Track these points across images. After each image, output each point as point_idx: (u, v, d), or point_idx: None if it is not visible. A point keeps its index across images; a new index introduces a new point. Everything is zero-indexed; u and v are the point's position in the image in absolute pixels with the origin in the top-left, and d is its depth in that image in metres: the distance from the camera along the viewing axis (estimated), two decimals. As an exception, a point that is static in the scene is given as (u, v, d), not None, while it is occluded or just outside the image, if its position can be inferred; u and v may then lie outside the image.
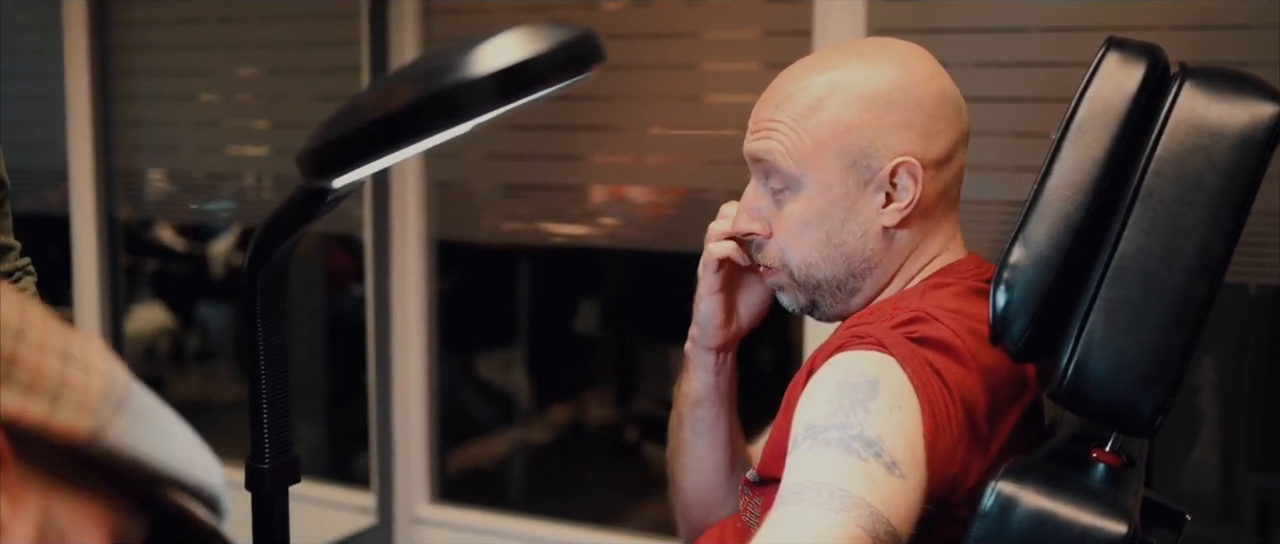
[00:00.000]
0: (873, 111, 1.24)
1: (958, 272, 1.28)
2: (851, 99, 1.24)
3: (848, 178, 1.25)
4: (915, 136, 1.25)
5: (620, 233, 3.04)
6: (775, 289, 1.35)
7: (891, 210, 1.25)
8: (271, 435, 1.08)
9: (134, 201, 3.64)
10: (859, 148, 1.24)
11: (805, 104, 1.25)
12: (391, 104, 0.85)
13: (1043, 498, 1.07)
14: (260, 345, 1.06)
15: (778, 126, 1.26)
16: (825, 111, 1.25)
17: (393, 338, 3.22)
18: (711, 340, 1.44)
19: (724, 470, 1.47)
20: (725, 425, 1.48)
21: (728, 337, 1.45)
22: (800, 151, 1.25)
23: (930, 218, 1.28)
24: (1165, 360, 1.09)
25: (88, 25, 3.48)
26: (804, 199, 1.26)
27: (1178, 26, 2.38)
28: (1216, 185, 1.10)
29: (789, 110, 1.26)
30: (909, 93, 1.25)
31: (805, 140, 1.25)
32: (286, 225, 1.00)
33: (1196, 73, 1.14)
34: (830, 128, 1.24)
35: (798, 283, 1.31)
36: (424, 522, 3.29)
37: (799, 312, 1.35)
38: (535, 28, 0.86)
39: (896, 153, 1.24)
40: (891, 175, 1.24)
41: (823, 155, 1.24)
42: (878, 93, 1.24)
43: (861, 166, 1.24)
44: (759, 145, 1.28)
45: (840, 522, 0.99)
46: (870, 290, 1.30)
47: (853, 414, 1.07)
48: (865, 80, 1.25)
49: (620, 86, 2.89)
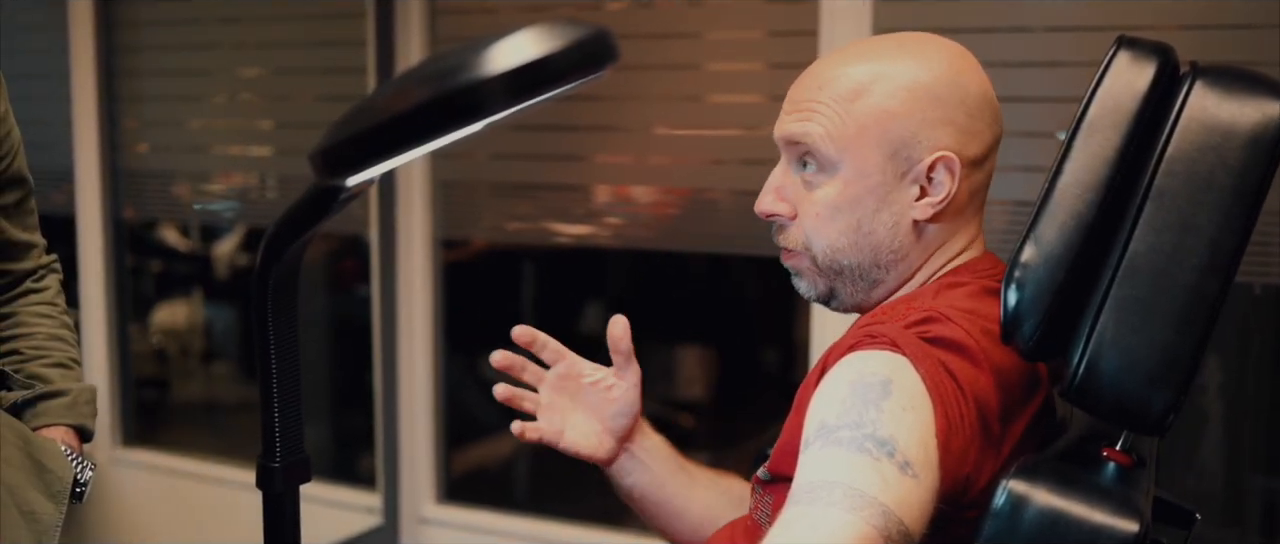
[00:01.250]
0: (918, 103, 1.23)
1: (974, 270, 1.28)
2: (897, 88, 1.23)
3: (886, 167, 1.24)
4: (956, 133, 1.24)
5: (624, 233, 3.04)
6: (792, 274, 1.34)
7: (924, 204, 1.25)
8: (282, 434, 1.08)
9: (138, 202, 3.65)
10: (901, 138, 1.23)
11: (850, 88, 1.24)
12: (405, 103, 0.85)
13: (1054, 496, 1.07)
14: (271, 344, 1.06)
15: (819, 108, 1.25)
16: (870, 97, 1.23)
17: (398, 338, 3.23)
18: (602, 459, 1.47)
19: (712, 513, 1.48)
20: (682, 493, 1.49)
21: (612, 449, 1.47)
22: (841, 135, 1.24)
23: (960, 216, 1.28)
24: (1176, 359, 1.09)
25: (93, 26, 3.48)
26: (838, 183, 1.25)
27: (1184, 26, 2.38)
28: (1228, 184, 1.10)
29: (832, 93, 1.25)
30: (954, 89, 1.24)
31: (848, 125, 1.23)
32: (298, 224, 1.00)
33: (1208, 72, 1.14)
34: (874, 114, 1.23)
35: (819, 268, 1.29)
36: (429, 521, 3.29)
37: (814, 298, 1.33)
38: (549, 26, 0.86)
39: (937, 147, 1.24)
40: (929, 169, 1.24)
41: (863, 141, 1.23)
42: (924, 85, 1.24)
43: (901, 157, 1.24)
44: (797, 126, 1.26)
45: (853, 521, 0.99)
46: (892, 283, 1.29)
47: (865, 414, 1.07)
48: (912, 72, 1.24)
49: (624, 87, 2.89)
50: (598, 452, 1.46)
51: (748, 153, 2.83)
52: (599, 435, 1.46)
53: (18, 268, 1.63)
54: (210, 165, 3.57)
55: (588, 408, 1.47)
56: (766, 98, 2.78)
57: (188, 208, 3.70)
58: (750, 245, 2.91)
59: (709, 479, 1.51)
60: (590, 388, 1.46)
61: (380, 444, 3.29)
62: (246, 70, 3.47)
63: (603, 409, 1.46)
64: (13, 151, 1.60)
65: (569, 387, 1.47)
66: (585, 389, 1.46)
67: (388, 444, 3.27)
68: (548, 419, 1.46)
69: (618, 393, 1.45)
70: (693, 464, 1.52)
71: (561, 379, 1.47)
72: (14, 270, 1.62)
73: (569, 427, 1.46)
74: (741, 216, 2.88)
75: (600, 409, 1.46)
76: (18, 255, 1.63)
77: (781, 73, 2.74)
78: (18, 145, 1.61)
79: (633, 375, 1.45)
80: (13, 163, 1.60)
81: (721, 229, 2.95)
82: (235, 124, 3.54)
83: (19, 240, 1.62)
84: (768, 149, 2.15)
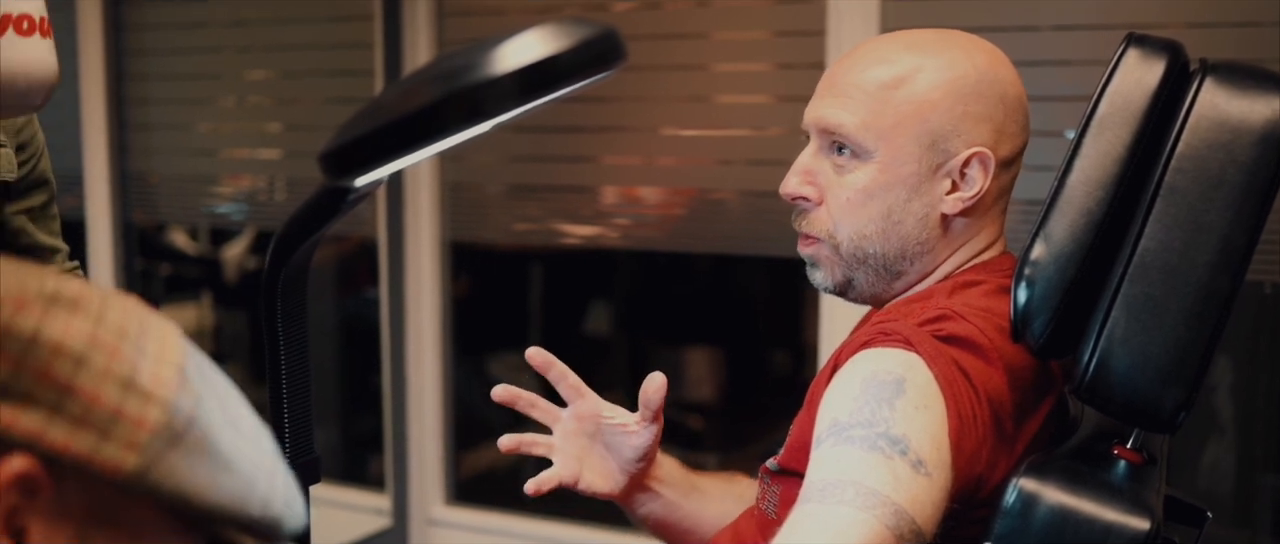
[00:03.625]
0: (959, 97, 1.23)
1: (990, 269, 1.27)
2: (939, 81, 1.23)
3: (922, 158, 1.23)
4: (992, 131, 1.24)
5: (632, 233, 3.04)
6: (808, 264, 1.31)
7: (955, 198, 1.24)
8: (292, 435, 1.08)
9: (147, 205, 3.65)
10: (939, 130, 1.23)
11: (892, 76, 1.23)
12: (414, 103, 0.85)
13: (1065, 494, 1.07)
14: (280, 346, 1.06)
15: (858, 95, 1.24)
16: (912, 87, 1.23)
17: (407, 340, 3.23)
18: (618, 497, 1.44)
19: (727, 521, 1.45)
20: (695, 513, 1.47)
21: (627, 486, 1.43)
22: (879, 123, 1.23)
23: (986, 215, 1.27)
24: (1187, 357, 1.09)
25: (102, 29, 3.49)
26: (871, 170, 1.24)
27: (1191, 24, 2.38)
28: (1238, 181, 1.09)
29: (873, 80, 1.24)
30: (994, 87, 1.24)
31: (886, 113, 1.23)
32: (307, 225, 1.00)
33: (1217, 69, 1.14)
34: (914, 104, 1.22)
35: (841, 256, 1.27)
36: (439, 523, 3.29)
37: (829, 289, 1.31)
38: (557, 25, 0.86)
39: (973, 142, 1.23)
40: (964, 164, 1.24)
41: (901, 131, 1.23)
42: (966, 81, 1.23)
43: (938, 149, 1.23)
44: (832, 112, 1.25)
45: (865, 519, 0.99)
46: (913, 277, 1.28)
47: (878, 412, 1.07)
48: (953, 66, 1.24)
49: (631, 88, 2.89)
50: (614, 490, 1.42)
51: (755, 153, 2.82)
52: (615, 475, 1.41)
53: None
54: (219, 168, 3.58)
55: (604, 449, 1.42)
56: (774, 98, 2.78)
57: (196, 211, 3.70)
58: (758, 246, 2.90)
59: (721, 489, 1.48)
60: (609, 428, 1.41)
61: (389, 446, 3.29)
62: (254, 73, 3.48)
63: (621, 452, 1.40)
64: (39, 151, 1.60)
65: (587, 426, 1.42)
66: (604, 429, 1.41)
67: (397, 446, 3.27)
68: (563, 462, 1.41)
69: (637, 441, 1.39)
70: (704, 477, 1.49)
71: (579, 419, 1.42)
72: None
73: (587, 467, 1.41)
74: (749, 217, 2.88)
75: (618, 451, 1.41)
76: (43, 260, 1.62)
77: (789, 73, 2.73)
78: (43, 146, 1.61)
79: (656, 430, 1.38)
80: (39, 163, 1.60)
81: (729, 230, 2.95)
82: (244, 127, 3.54)
83: (44, 245, 1.62)
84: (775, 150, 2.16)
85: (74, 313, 0.67)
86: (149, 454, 0.66)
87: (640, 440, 1.38)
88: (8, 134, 1.53)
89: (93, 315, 0.68)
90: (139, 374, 0.67)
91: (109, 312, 0.69)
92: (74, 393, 0.65)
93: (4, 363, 0.64)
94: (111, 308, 0.69)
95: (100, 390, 0.66)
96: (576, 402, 1.42)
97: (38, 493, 0.65)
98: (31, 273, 0.68)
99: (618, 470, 1.41)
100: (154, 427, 0.67)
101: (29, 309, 0.66)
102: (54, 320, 0.66)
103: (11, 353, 0.65)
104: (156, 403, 0.67)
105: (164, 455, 0.67)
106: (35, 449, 0.64)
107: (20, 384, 0.65)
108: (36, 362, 0.65)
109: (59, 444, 0.65)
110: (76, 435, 0.65)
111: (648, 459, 1.41)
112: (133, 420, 0.66)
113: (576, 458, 1.41)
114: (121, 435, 0.66)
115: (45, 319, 0.66)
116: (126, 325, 0.69)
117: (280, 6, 3.42)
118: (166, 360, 0.69)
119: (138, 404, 0.67)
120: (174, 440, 0.67)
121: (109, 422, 0.66)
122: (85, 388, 0.65)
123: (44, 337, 0.65)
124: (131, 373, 0.67)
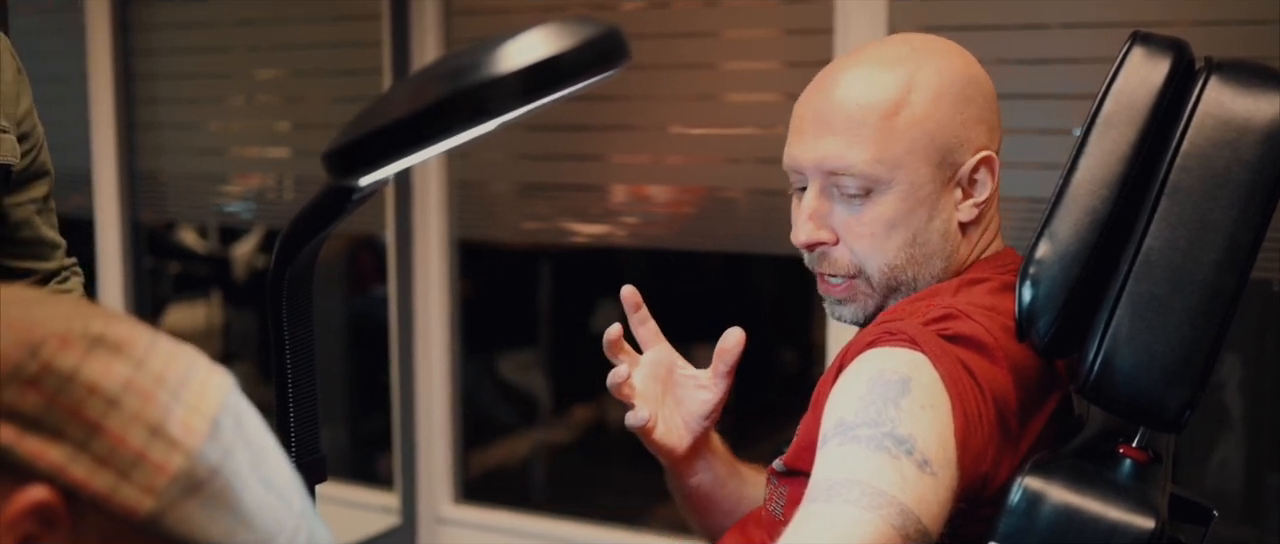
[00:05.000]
0: (955, 106, 1.22)
1: (994, 264, 1.27)
2: (932, 94, 1.21)
3: (936, 175, 1.22)
4: (988, 131, 1.24)
5: (640, 232, 3.04)
6: (832, 303, 1.30)
7: (968, 205, 1.24)
8: (298, 434, 1.08)
9: (156, 204, 3.66)
10: (947, 145, 1.22)
11: (887, 102, 1.21)
12: (419, 102, 0.86)
13: (1070, 493, 1.07)
14: (287, 344, 1.06)
15: (858, 130, 1.21)
16: (911, 110, 1.21)
17: (416, 339, 3.23)
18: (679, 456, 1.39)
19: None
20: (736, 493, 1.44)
21: (688, 447, 1.39)
22: (891, 154, 1.20)
23: (990, 210, 1.28)
24: (1192, 355, 1.09)
25: (110, 29, 3.50)
26: (890, 201, 1.22)
27: (1196, 22, 2.37)
28: (1243, 179, 1.09)
29: (870, 110, 1.21)
30: (977, 86, 1.24)
31: (895, 142, 1.20)
32: (313, 224, 1.01)
33: (1222, 67, 1.14)
34: (918, 123, 1.21)
35: (873, 287, 1.26)
36: (447, 521, 3.30)
37: (859, 322, 1.29)
38: (562, 25, 0.86)
39: (976, 147, 1.23)
40: (973, 170, 1.24)
41: (914, 155, 1.21)
42: (954, 87, 1.23)
43: (947, 163, 1.23)
44: (835, 152, 1.21)
45: (871, 519, 0.99)
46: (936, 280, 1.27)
47: (884, 412, 1.07)
48: (939, 75, 1.22)
49: (640, 86, 2.89)
50: (678, 447, 1.37)
51: (764, 151, 2.82)
52: (680, 433, 1.38)
53: (44, 267, 1.63)
54: (228, 167, 3.59)
55: (675, 401, 1.39)
56: (782, 96, 2.78)
57: (205, 209, 3.71)
58: (767, 245, 2.90)
59: (756, 477, 1.46)
60: (683, 381, 1.39)
61: (398, 445, 3.30)
62: (263, 72, 3.48)
63: (689, 407, 1.38)
64: (39, 143, 1.61)
65: (662, 374, 1.39)
66: (678, 381, 1.39)
67: (405, 445, 3.28)
68: (646, 403, 1.36)
69: (707, 396, 1.37)
70: (743, 464, 1.48)
71: (655, 365, 1.39)
72: (40, 270, 1.63)
73: (660, 418, 1.37)
74: (758, 216, 2.88)
75: (686, 406, 1.38)
76: (45, 254, 1.63)
77: (797, 71, 2.73)
78: (42, 139, 1.62)
79: (725, 386, 1.37)
80: (40, 155, 1.61)
81: (738, 228, 2.94)
82: (252, 126, 3.55)
83: (47, 239, 1.63)
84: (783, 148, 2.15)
85: (115, 355, 0.69)
86: (166, 499, 0.69)
87: (710, 395, 1.37)
88: (10, 121, 1.54)
89: (134, 360, 0.70)
90: (169, 421, 0.69)
91: (152, 358, 0.71)
92: (101, 432, 0.68)
93: (39, 396, 0.67)
94: (156, 354, 0.71)
95: (127, 433, 0.68)
96: (653, 347, 1.40)
97: (55, 525, 0.67)
98: (81, 313, 0.71)
99: (684, 427, 1.38)
100: (175, 473, 0.69)
101: (72, 347, 0.69)
102: (94, 361, 0.69)
103: (48, 388, 0.67)
104: (181, 451, 0.69)
105: (181, 502, 0.69)
106: (57, 482, 0.67)
107: (51, 419, 0.67)
108: (70, 399, 0.68)
109: (79, 479, 0.67)
110: (97, 473, 0.67)
111: (711, 418, 1.38)
112: (154, 465, 0.68)
113: (653, 405, 1.37)
114: (141, 478, 0.68)
115: (86, 359, 0.68)
116: (167, 373, 0.71)
117: (288, 6, 3.42)
118: (200, 411, 0.71)
119: (162, 450, 0.69)
120: (193, 489, 0.69)
121: (131, 464, 0.68)
122: (113, 429, 0.68)
123: (82, 376, 0.68)
124: (162, 419, 0.69)
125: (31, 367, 0.67)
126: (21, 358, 0.67)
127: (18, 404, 0.67)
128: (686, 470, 1.41)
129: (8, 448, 0.66)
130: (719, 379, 1.37)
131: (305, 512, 0.77)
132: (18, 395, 0.67)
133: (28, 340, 0.68)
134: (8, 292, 0.72)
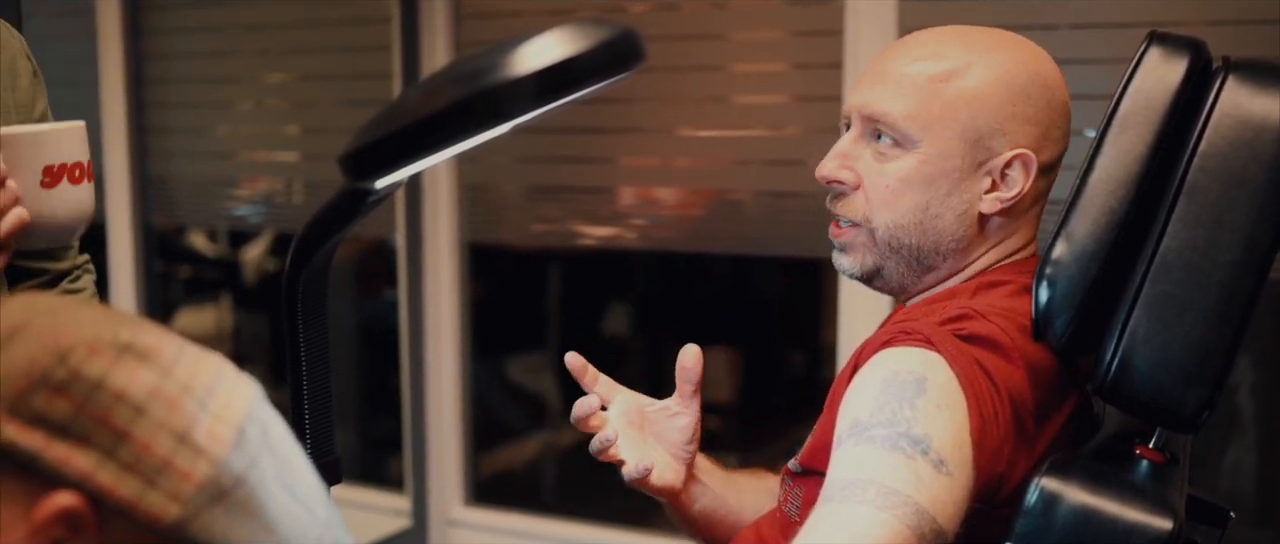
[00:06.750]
0: (1008, 96, 1.22)
1: (1018, 270, 1.26)
2: (989, 78, 1.22)
3: (965, 153, 1.22)
4: (1037, 134, 1.24)
5: (649, 234, 3.04)
6: (836, 249, 1.30)
7: (993, 198, 1.24)
8: (313, 436, 1.08)
9: (167, 208, 3.67)
10: (985, 127, 1.22)
11: (942, 70, 1.23)
12: (434, 104, 0.86)
13: (1087, 494, 1.07)
14: (301, 347, 1.06)
15: (906, 84, 1.23)
16: (962, 81, 1.22)
17: (426, 341, 3.23)
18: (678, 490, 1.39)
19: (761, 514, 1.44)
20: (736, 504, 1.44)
21: (684, 478, 1.39)
22: (925, 114, 1.22)
23: (1021, 217, 1.27)
24: (1210, 356, 1.08)
25: (122, 33, 3.51)
26: (914, 160, 1.23)
27: (1213, 21, 2.37)
28: (1261, 180, 1.09)
29: (923, 70, 1.23)
30: (1044, 91, 1.24)
31: (933, 105, 1.22)
32: (328, 227, 1.01)
33: (1240, 66, 1.14)
34: (964, 98, 1.22)
35: (876, 242, 1.26)
36: (458, 523, 3.30)
37: (855, 274, 1.30)
38: (576, 27, 0.86)
39: (1017, 143, 1.23)
40: (1006, 165, 1.23)
41: (947, 124, 1.22)
42: (1016, 80, 1.23)
43: (982, 146, 1.23)
44: (877, 99, 1.24)
45: (887, 519, 0.99)
46: (944, 272, 1.27)
47: (899, 412, 1.06)
48: (1004, 65, 1.23)
49: (648, 89, 2.89)
50: (676, 482, 1.37)
51: (773, 154, 2.82)
52: (673, 467, 1.38)
53: (56, 267, 1.63)
54: (238, 171, 3.59)
55: (657, 438, 1.39)
56: (791, 98, 2.78)
57: (216, 213, 3.72)
58: (776, 246, 2.90)
59: (753, 483, 1.46)
60: (656, 416, 1.39)
61: (408, 447, 3.30)
62: (273, 76, 3.49)
63: (671, 438, 1.38)
64: None
65: (635, 419, 1.39)
66: (651, 418, 1.39)
67: (416, 447, 3.28)
68: (639, 455, 1.36)
69: (684, 421, 1.37)
70: (735, 472, 1.48)
71: (626, 413, 1.39)
72: (52, 269, 1.63)
73: (656, 463, 1.37)
74: (767, 217, 2.88)
75: (669, 438, 1.38)
76: (57, 254, 1.63)
77: (806, 73, 2.73)
78: None
79: (697, 405, 1.37)
80: None
81: (747, 230, 2.94)
82: (262, 130, 3.56)
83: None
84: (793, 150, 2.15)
85: (143, 363, 0.70)
86: (191, 507, 0.69)
87: (687, 419, 1.37)
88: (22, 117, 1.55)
89: (161, 368, 0.71)
90: (195, 429, 0.70)
91: (179, 366, 0.71)
92: (128, 440, 0.68)
93: (68, 404, 0.68)
94: (183, 362, 0.72)
95: (154, 440, 0.69)
96: (614, 398, 1.40)
97: (82, 530, 0.68)
98: (110, 320, 0.72)
99: (674, 462, 1.38)
100: (200, 481, 0.69)
101: (100, 355, 0.69)
102: (122, 368, 0.69)
103: (76, 395, 0.68)
104: (207, 459, 0.70)
105: (206, 510, 0.70)
106: (84, 488, 0.68)
107: (79, 426, 0.68)
108: (97, 406, 0.68)
109: (106, 486, 0.68)
110: (124, 480, 0.68)
111: (695, 441, 1.38)
112: (180, 473, 0.69)
113: (642, 451, 1.37)
114: (167, 486, 0.69)
115: (114, 366, 0.69)
116: (194, 382, 0.71)
117: (298, 10, 3.43)
118: (227, 419, 0.72)
119: (188, 458, 0.69)
120: (218, 496, 0.70)
121: (157, 471, 0.69)
122: (139, 436, 0.68)
123: (109, 383, 0.69)
124: (188, 427, 0.70)
125: (60, 373, 0.68)
126: (50, 365, 0.68)
127: (46, 411, 0.67)
128: (688, 500, 1.41)
129: (36, 454, 0.67)
130: (688, 400, 1.37)
131: (330, 520, 0.77)
132: (46, 402, 0.67)
133: (56, 347, 0.68)
134: (37, 299, 0.72)
